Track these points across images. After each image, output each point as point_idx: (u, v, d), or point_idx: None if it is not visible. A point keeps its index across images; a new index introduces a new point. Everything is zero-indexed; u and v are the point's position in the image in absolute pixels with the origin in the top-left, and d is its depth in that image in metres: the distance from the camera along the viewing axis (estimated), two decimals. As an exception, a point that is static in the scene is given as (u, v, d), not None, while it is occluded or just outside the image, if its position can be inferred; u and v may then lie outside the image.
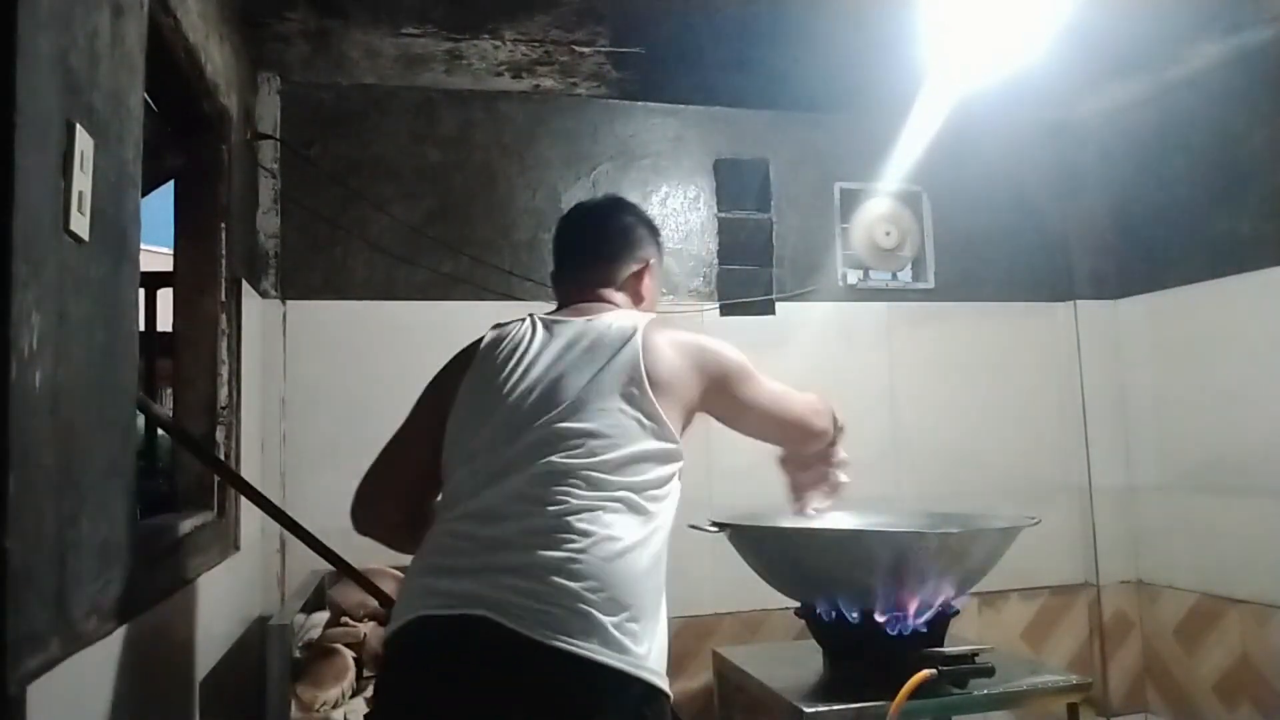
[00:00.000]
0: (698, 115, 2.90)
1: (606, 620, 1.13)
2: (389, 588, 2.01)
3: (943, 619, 1.94)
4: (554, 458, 1.24)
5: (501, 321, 1.53)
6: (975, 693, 1.86)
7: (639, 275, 1.56)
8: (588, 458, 1.23)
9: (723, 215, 2.89)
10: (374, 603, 2.04)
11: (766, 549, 2.01)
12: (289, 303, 2.54)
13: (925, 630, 1.90)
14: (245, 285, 2.20)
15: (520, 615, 1.12)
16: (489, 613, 1.13)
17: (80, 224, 1.01)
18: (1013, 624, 2.94)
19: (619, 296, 1.53)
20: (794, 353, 2.85)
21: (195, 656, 1.62)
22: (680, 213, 2.88)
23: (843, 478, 1.71)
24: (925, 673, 1.74)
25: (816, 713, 1.79)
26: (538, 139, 2.78)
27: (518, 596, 1.13)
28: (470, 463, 1.31)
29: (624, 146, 2.85)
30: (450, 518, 1.28)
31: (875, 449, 2.89)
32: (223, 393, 1.99)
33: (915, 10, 2.25)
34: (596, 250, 1.56)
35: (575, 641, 1.11)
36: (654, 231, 1.62)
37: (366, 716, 1.54)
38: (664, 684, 1.18)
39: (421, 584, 1.23)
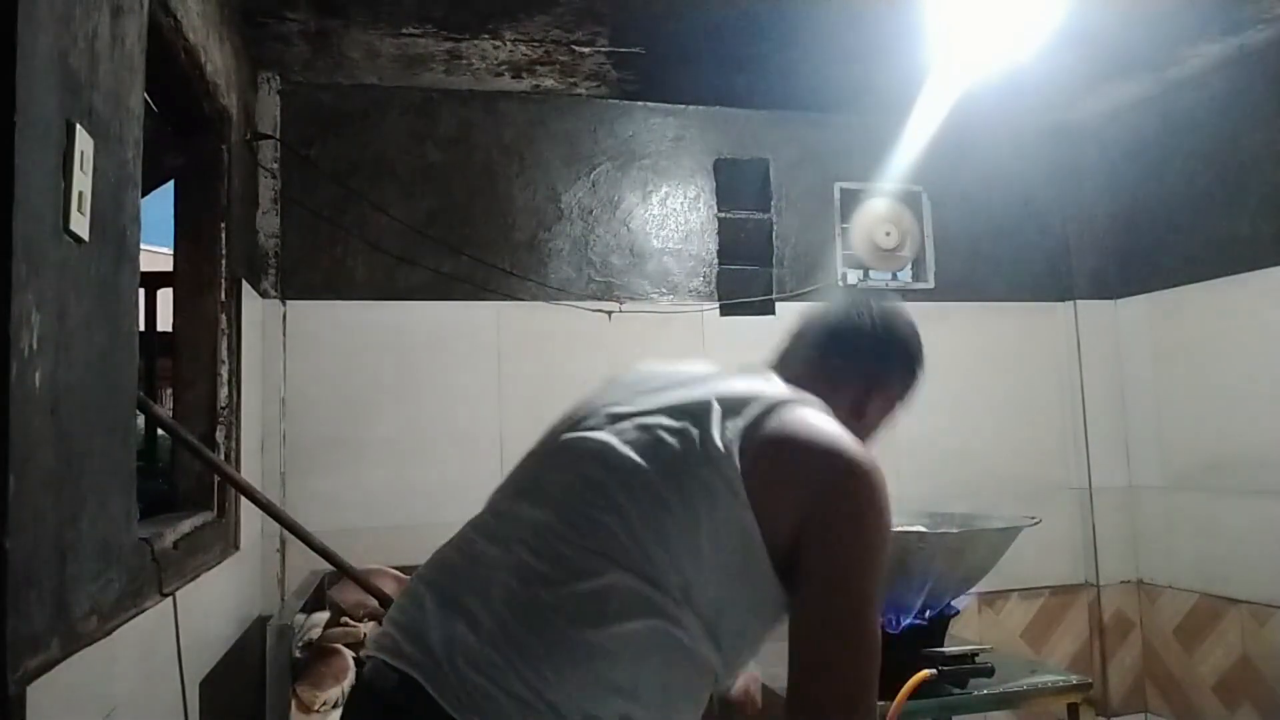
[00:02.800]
0: (698, 115, 2.90)
1: None
2: (389, 588, 2.01)
3: (943, 619, 1.94)
4: None
5: None
6: (975, 693, 1.86)
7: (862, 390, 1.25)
8: None
9: (723, 215, 2.89)
10: (374, 603, 2.04)
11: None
12: (289, 303, 2.54)
13: (925, 630, 1.90)
14: (245, 285, 2.20)
15: None
16: None
17: (80, 224, 1.01)
18: (1013, 624, 2.94)
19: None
20: (794, 353, 2.84)
21: (195, 656, 1.62)
22: (680, 213, 2.88)
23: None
24: (925, 673, 1.74)
25: (816, 713, 1.79)
26: (538, 139, 2.78)
27: None
28: None
29: (624, 146, 2.85)
30: None
31: (875, 449, 2.89)
32: (223, 393, 1.99)
33: (915, 10, 2.25)
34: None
35: None
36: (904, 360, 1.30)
37: None
38: None
39: None
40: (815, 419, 1.07)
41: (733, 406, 1.04)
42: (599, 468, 1.02)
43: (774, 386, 1.10)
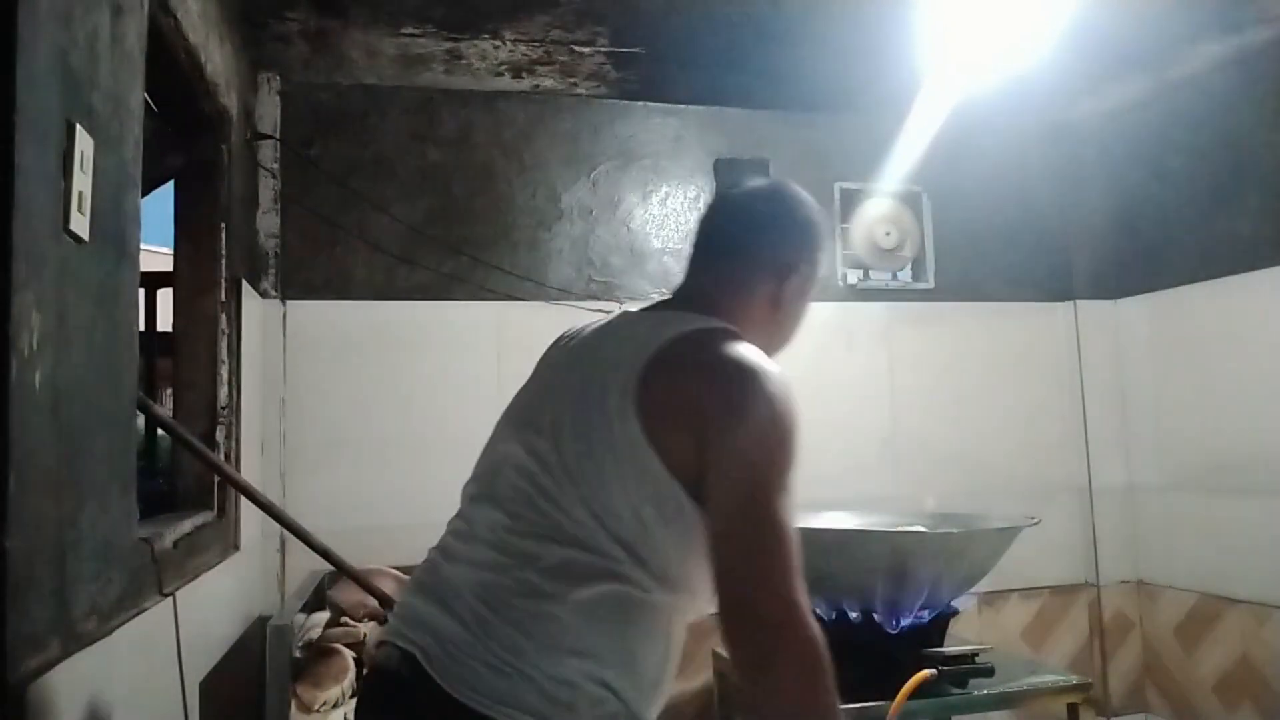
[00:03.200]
0: (698, 115, 2.90)
1: None
2: (389, 588, 2.01)
3: (943, 619, 1.94)
4: None
5: None
6: (975, 693, 1.86)
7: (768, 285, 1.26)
8: None
9: (723, 215, 2.89)
10: (374, 603, 2.04)
11: (766, 549, 2.00)
12: (289, 303, 2.54)
13: (925, 630, 1.90)
14: (245, 285, 2.20)
15: None
16: None
17: (80, 224, 1.01)
18: (1013, 624, 2.94)
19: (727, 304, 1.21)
20: (794, 353, 2.84)
21: (195, 656, 1.62)
22: (680, 213, 2.88)
23: None
24: (925, 673, 1.74)
25: (816, 713, 1.79)
26: (538, 139, 2.78)
27: None
28: None
29: (624, 146, 2.85)
30: None
31: (875, 449, 2.89)
32: (223, 393, 1.99)
33: (915, 10, 2.25)
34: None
35: None
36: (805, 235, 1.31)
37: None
38: None
39: None
40: (700, 346, 1.09)
41: (625, 361, 1.08)
42: (530, 461, 1.10)
43: (668, 328, 1.11)
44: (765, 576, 0.98)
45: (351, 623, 2.10)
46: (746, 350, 1.08)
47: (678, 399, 1.04)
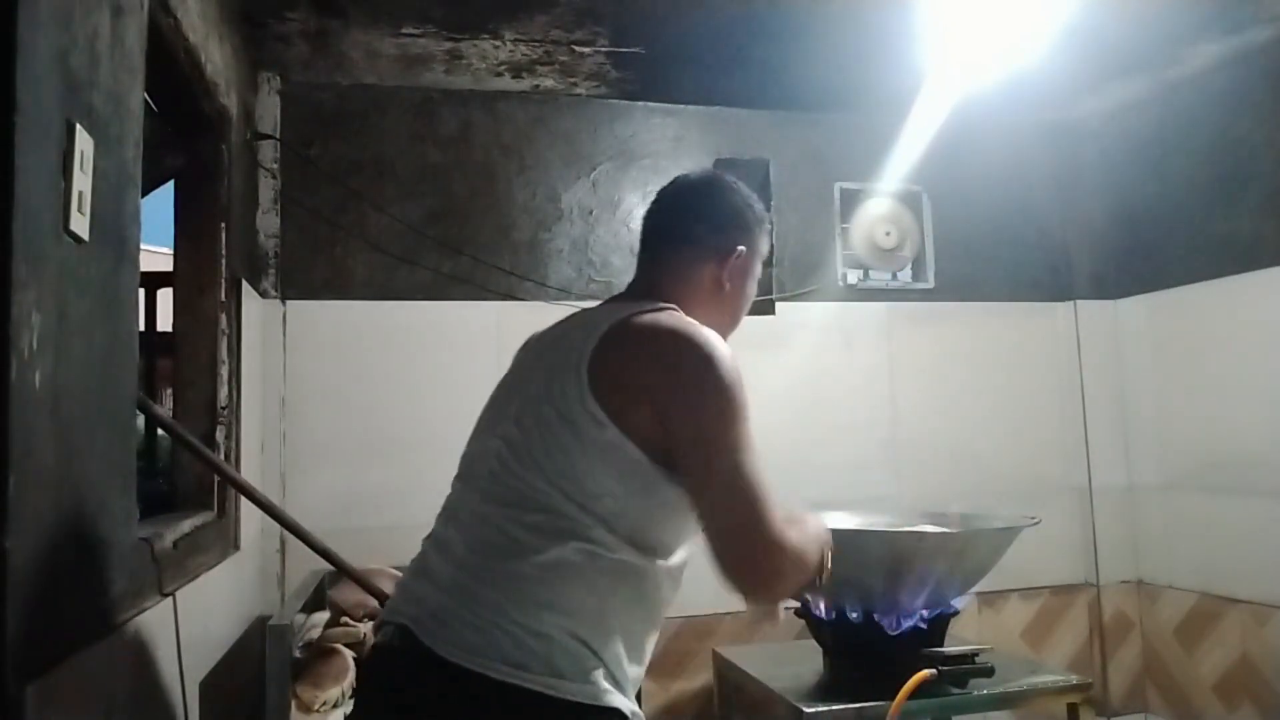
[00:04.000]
0: (698, 115, 2.90)
1: None
2: (389, 588, 2.01)
3: (943, 619, 1.94)
4: None
5: None
6: (975, 693, 1.86)
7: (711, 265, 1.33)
8: None
9: (723, 215, 2.89)
10: (374, 603, 2.04)
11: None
12: (289, 303, 2.54)
13: (925, 630, 1.90)
14: (245, 285, 2.20)
15: None
16: None
17: (80, 224, 1.01)
18: (1013, 624, 2.94)
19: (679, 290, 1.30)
20: (794, 353, 2.85)
21: (195, 656, 1.62)
22: (680, 213, 2.87)
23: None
24: (925, 673, 1.74)
25: (816, 713, 1.79)
26: (538, 139, 2.78)
27: None
28: None
29: (624, 146, 2.85)
30: None
31: (875, 449, 2.89)
32: (223, 393, 1.99)
33: (915, 10, 2.25)
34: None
35: None
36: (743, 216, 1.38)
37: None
38: None
39: None
40: (643, 322, 1.19)
41: (577, 347, 1.17)
42: (501, 446, 1.20)
43: (616, 314, 1.20)
44: (750, 531, 1.09)
45: (351, 623, 2.10)
46: (685, 323, 1.18)
47: (628, 374, 1.14)
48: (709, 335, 1.15)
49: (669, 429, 1.11)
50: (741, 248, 1.35)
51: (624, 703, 1.13)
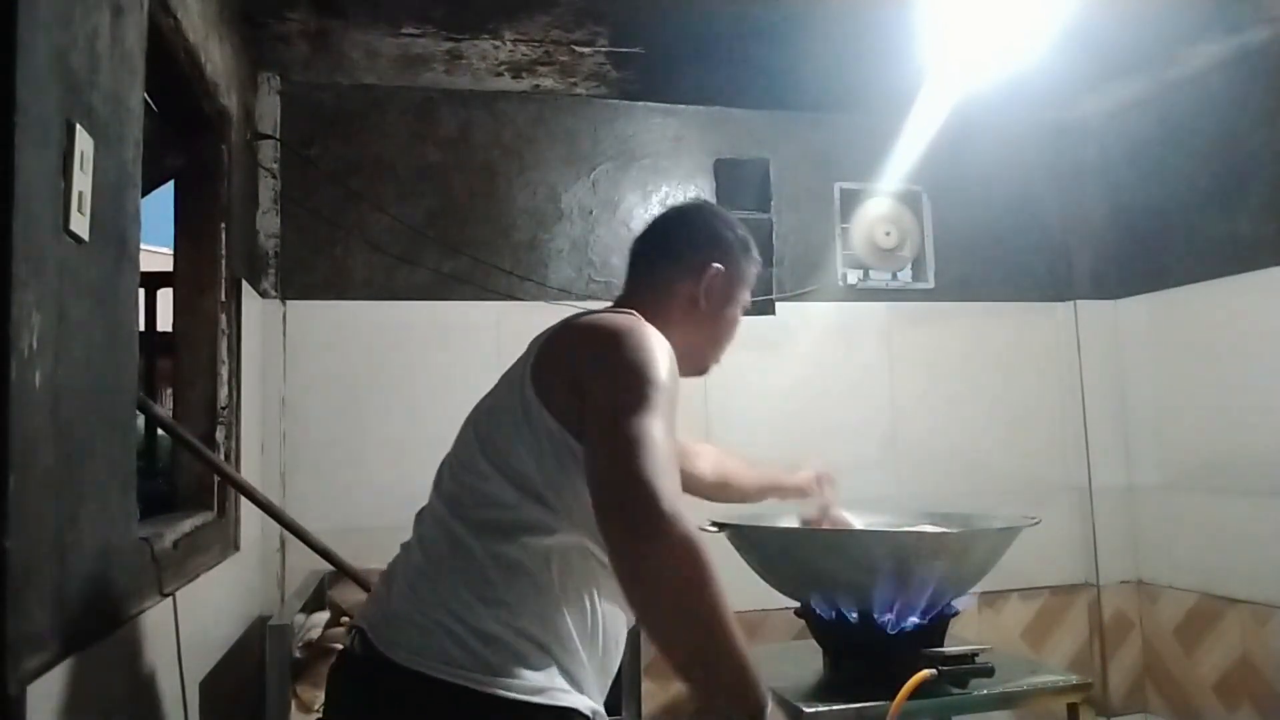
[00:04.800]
0: (698, 115, 2.90)
1: None
2: (389, 588, 2.01)
3: (943, 619, 1.94)
4: None
5: None
6: (975, 693, 1.86)
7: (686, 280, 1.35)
8: None
9: (723, 215, 2.89)
10: (374, 603, 2.04)
11: (766, 549, 2.01)
12: (289, 303, 2.54)
13: (925, 630, 1.90)
14: (245, 285, 2.20)
15: None
16: None
17: (80, 224, 1.01)
18: (1013, 624, 2.94)
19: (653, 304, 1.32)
20: (794, 353, 2.85)
21: (195, 656, 1.62)
22: (680, 213, 2.87)
23: None
24: (925, 673, 1.74)
25: (816, 713, 1.79)
26: (538, 139, 2.78)
27: None
28: None
29: (624, 146, 2.85)
30: None
31: (875, 449, 2.89)
32: (223, 393, 1.99)
33: (915, 10, 2.25)
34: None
35: None
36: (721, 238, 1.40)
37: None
38: None
39: None
40: (589, 318, 1.22)
41: (533, 347, 1.23)
42: (460, 447, 1.25)
43: (574, 318, 1.25)
44: (630, 478, 0.98)
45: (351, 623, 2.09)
46: (628, 319, 1.18)
47: (559, 361, 1.17)
48: (643, 326, 1.16)
49: (585, 404, 1.10)
50: (718, 265, 1.35)
51: (581, 701, 1.11)
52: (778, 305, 2.88)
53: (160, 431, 2.31)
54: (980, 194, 3.06)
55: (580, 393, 1.11)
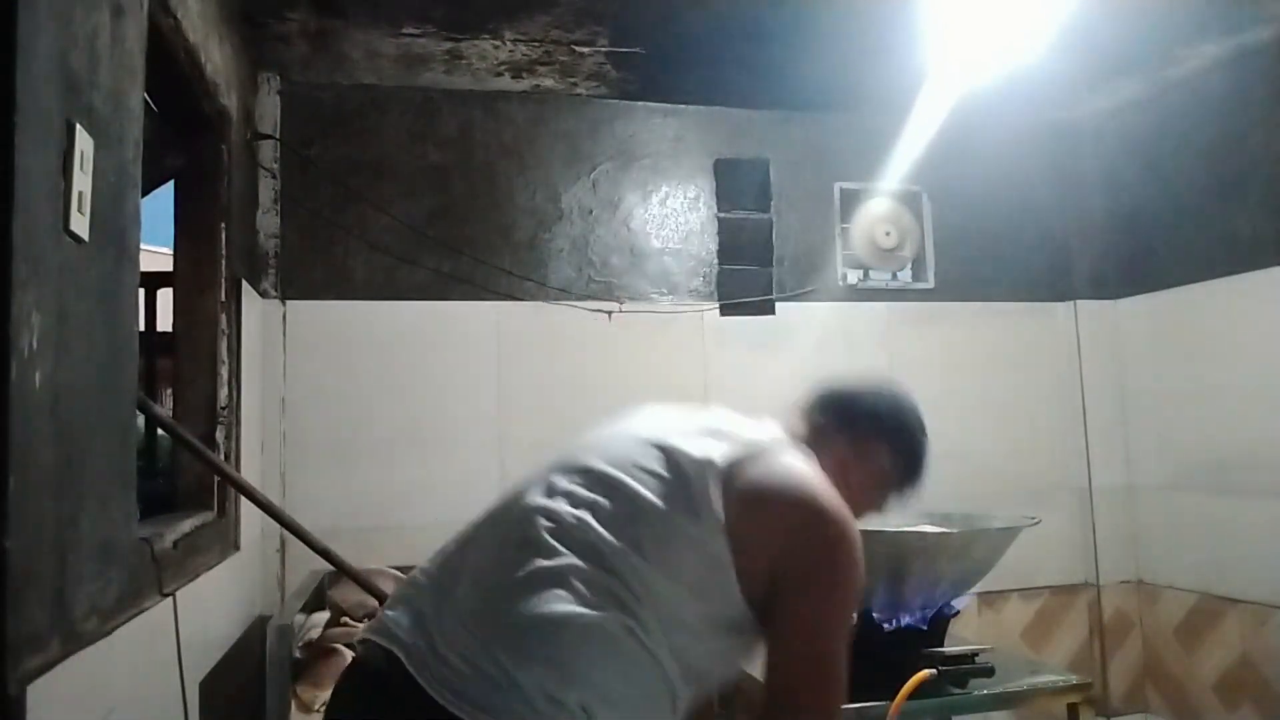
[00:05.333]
0: (698, 115, 2.90)
1: None
2: (389, 588, 2.01)
3: (943, 619, 1.94)
4: None
5: None
6: (975, 693, 1.86)
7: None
8: None
9: (723, 215, 2.89)
10: (374, 603, 2.04)
11: (766, 549, 2.00)
12: (289, 303, 2.54)
13: (925, 630, 1.90)
14: (245, 285, 2.20)
15: None
16: None
17: (80, 224, 1.01)
18: (1013, 624, 2.94)
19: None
20: (794, 353, 2.85)
21: (195, 656, 1.62)
22: (680, 213, 2.88)
23: None
24: (925, 673, 1.74)
25: (816, 713, 1.79)
26: (538, 139, 2.78)
27: None
28: None
29: (624, 146, 2.85)
30: None
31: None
32: (223, 393, 1.99)
33: (915, 10, 2.25)
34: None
35: None
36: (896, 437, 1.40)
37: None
38: None
39: None
40: (795, 465, 1.14)
41: (722, 441, 1.13)
42: (593, 498, 1.10)
43: (764, 431, 1.19)
44: (818, 705, 1.06)
45: (351, 623, 2.10)
46: (829, 488, 1.12)
47: (759, 520, 1.08)
48: (847, 516, 1.11)
49: (780, 587, 1.07)
50: (876, 444, 1.35)
51: None
52: (778, 305, 2.88)
53: (160, 431, 2.31)
54: (980, 194, 3.06)
55: (778, 569, 1.07)
